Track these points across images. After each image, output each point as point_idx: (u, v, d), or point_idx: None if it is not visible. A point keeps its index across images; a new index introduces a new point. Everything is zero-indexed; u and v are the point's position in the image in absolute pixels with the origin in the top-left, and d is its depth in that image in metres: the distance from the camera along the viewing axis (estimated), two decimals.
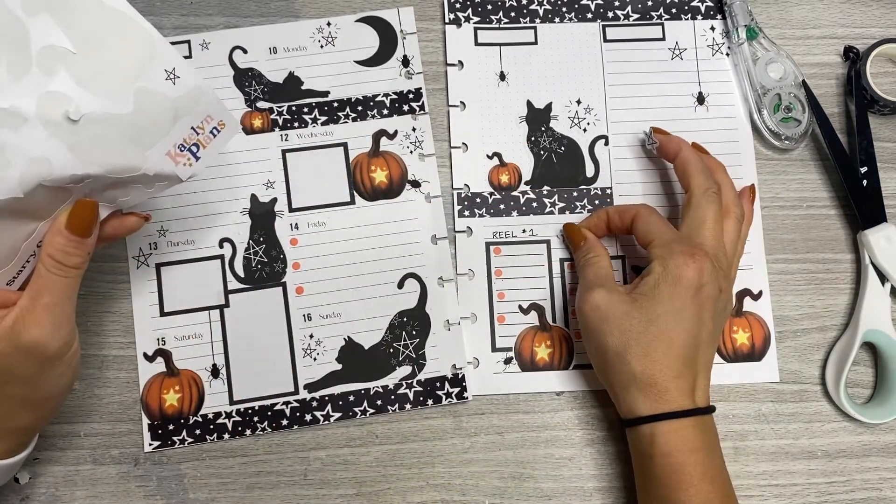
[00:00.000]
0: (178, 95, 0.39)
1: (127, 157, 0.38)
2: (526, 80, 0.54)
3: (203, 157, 0.41)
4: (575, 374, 0.51)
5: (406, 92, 0.53)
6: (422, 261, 0.51)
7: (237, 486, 0.48)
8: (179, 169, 0.40)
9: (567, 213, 0.52)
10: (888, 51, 0.54)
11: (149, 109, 0.38)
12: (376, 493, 0.49)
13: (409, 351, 0.50)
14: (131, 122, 0.38)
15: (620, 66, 0.55)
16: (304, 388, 0.50)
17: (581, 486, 0.49)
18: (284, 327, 0.50)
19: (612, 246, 0.52)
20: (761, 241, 0.53)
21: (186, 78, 0.39)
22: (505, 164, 0.53)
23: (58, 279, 0.38)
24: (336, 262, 0.51)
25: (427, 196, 0.52)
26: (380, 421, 0.50)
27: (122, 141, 0.38)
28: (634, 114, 0.54)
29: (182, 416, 0.49)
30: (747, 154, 0.54)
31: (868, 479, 0.50)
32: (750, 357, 0.51)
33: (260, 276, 0.51)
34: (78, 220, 0.38)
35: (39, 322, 0.37)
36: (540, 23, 0.55)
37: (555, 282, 0.52)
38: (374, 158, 0.53)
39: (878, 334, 0.50)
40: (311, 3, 0.54)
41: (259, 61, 0.53)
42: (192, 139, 0.40)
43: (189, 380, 0.49)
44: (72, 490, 0.48)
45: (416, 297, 0.51)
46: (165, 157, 0.40)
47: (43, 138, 0.35)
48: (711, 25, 0.55)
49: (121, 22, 0.37)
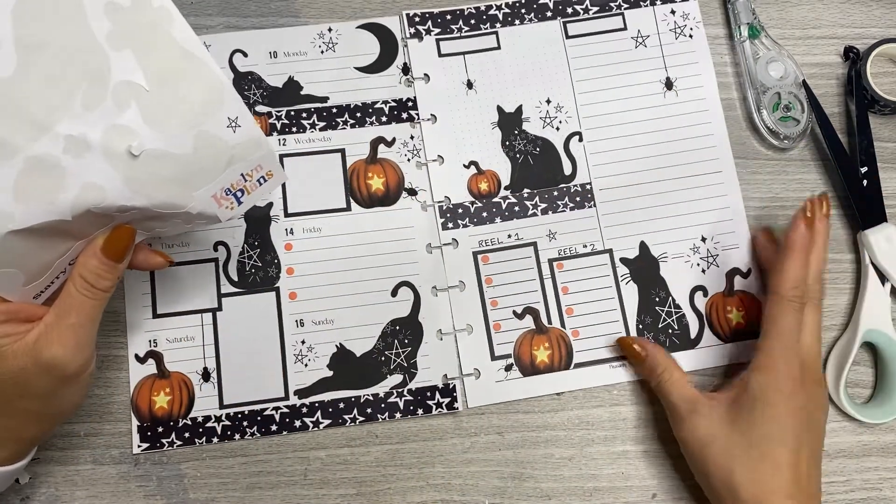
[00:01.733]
0: (236, 143, 0.40)
1: (175, 195, 0.38)
2: (493, 85, 0.54)
3: (245, 203, 0.42)
4: (576, 373, 0.51)
5: (405, 100, 0.53)
6: (416, 269, 0.51)
7: (237, 486, 0.48)
8: (221, 211, 0.41)
9: (550, 212, 0.53)
10: (888, 51, 0.54)
11: (206, 153, 0.39)
12: (376, 493, 0.49)
13: (400, 360, 0.50)
14: (187, 163, 0.38)
15: (585, 61, 0.55)
16: (295, 394, 0.49)
17: (581, 486, 0.49)
18: (277, 332, 0.50)
19: (594, 238, 0.52)
20: (744, 218, 0.53)
21: (247, 128, 0.40)
22: (483, 171, 0.53)
23: (86, 300, 0.38)
24: (330, 269, 0.51)
25: (423, 204, 0.52)
26: (378, 421, 0.50)
27: (174, 179, 0.38)
28: (605, 107, 0.54)
29: (171, 418, 0.49)
30: (720, 135, 0.54)
31: (868, 479, 0.50)
32: (746, 335, 0.52)
33: (254, 280, 0.51)
34: (114, 246, 0.39)
35: (63, 341, 0.38)
36: (501, 27, 0.55)
37: (546, 283, 0.52)
38: (372, 165, 0.53)
39: (878, 334, 0.50)
40: (311, 4, 0.54)
41: (259, 65, 0.53)
42: (239, 184, 0.41)
43: (180, 382, 0.49)
44: (72, 490, 0.48)
45: (409, 306, 0.51)
46: (211, 199, 0.40)
47: (102, 168, 0.36)
48: (671, 9, 0.56)
49: (195, 67, 0.38)
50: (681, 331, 0.52)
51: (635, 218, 0.53)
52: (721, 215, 0.53)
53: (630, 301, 0.52)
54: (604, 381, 0.51)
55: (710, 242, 0.53)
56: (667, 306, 0.52)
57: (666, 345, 0.51)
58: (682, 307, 0.52)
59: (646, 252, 0.52)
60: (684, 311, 0.52)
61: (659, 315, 0.52)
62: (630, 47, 0.55)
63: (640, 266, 0.52)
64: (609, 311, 0.52)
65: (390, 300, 0.51)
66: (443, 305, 0.51)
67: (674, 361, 0.48)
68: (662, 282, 0.52)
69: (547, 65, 0.55)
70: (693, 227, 0.53)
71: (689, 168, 0.53)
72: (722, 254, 0.53)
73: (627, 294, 0.52)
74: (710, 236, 0.53)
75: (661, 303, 0.52)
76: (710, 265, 0.52)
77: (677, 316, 0.52)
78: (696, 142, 0.53)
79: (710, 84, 0.55)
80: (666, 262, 0.52)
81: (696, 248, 0.53)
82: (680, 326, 0.52)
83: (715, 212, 0.53)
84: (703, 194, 0.53)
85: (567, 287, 0.52)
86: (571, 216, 0.53)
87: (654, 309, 0.52)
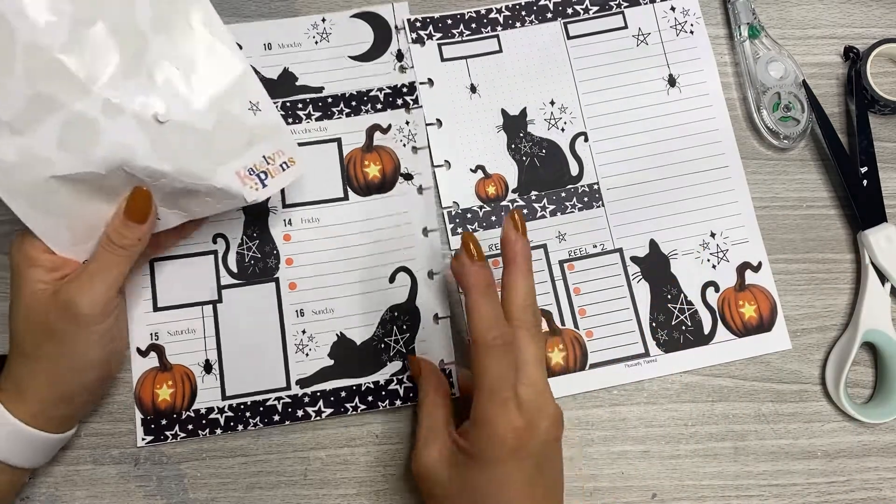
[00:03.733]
0: (256, 125, 0.45)
1: (199, 165, 0.43)
2: (497, 88, 0.54)
3: (270, 186, 0.45)
4: (591, 373, 0.51)
5: (400, 86, 0.54)
6: (412, 254, 0.51)
7: (237, 486, 0.48)
8: (246, 190, 0.45)
9: (558, 214, 0.53)
10: (888, 51, 0.54)
11: (227, 130, 0.44)
12: (376, 493, 0.49)
13: (399, 346, 0.50)
14: (210, 138, 0.44)
15: (588, 61, 0.55)
16: (297, 384, 0.50)
17: (581, 486, 0.49)
18: (277, 323, 0.50)
19: (604, 238, 0.52)
20: (752, 212, 0.53)
21: (267, 112, 0.45)
22: (490, 175, 0.53)
23: (107, 254, 0.43)
24: (329, 258, 0.51)
25: (419, 188, 0.52)
26: (379, 420, 0.50)
27: (197, 151, 0.43)
28: (609, 106, 0.54)
29: (175, 410, 0.49)
30: (725, 129, 0.54)
31: (868, 479, 0.50)
32: (759, 329, 0.52)
33: (253, 271, 0.51)
34: (133, 206, 0.43)
35: (80, 285, 0.42)
36: (502, 30, 0.55)
37: (557, 284, 0.52)
38: (368, 153, 0.53)
39: (878, 334, 0.50)
40: (310, 4, 0.54)
41: (254, 58, 0.53)
42: (262, 167, 0.45)
43: (182, 375, 0.49)
44: (72, 490, 0.48)
45: (406, 291, 0.51)
46: (234, 175, 0.44)
47: (132, 129, 0.42)
48: (671, 6, 0.56)
49: (223, 55, 0.44)
50: (694, 327, 0.51)
51: (644, 216, 0.53)
52: (729, 210, 0.53)
53: (642, 299, 0.52)
54: (620, 380, 0.50)
55: (720, 238, 0.53)
56: (679, 303, 0.52)
57: (680, 342, 0.51)
58: (695, 303, 0.52)
59: (656, 250, 0.52)
60: (697, 308, 0.52)
61: (672, 312, 0.52)
62: (632, 45, 0.55)
63: (651, 264, 0.52)
64: (622, 310, 0.51)
65: (389, 286, 0.51)
66: (439, 289, 0.51)
67: (444, 390, 0.46)
68: (673, 279, 0.52)
69: (549, 66, 0.55)
70: (702, 222, 0.53)
71: (696, 164, 0.53)
72: (732, 248, 0.53)
73: (639, 292, 0.52)
74: (719, 231, 0.53)
75: (674, 300, 0.52)
76: (720, 260, 0.52)
77: (690, 312, 0.52)
78: (702, 137, 0.54)
79: (713, 79, 0.55)
80: (676, 259, 0.52)
81: (705, 244, 0.53)
82: (693, 323, 0.52)
83: (723, 207, 0.53)
84: (710, 189, 0.53)
85: (579, 288, 0.52)
86: (580, 217, 0.53)
87: (667, 306, 0.52)
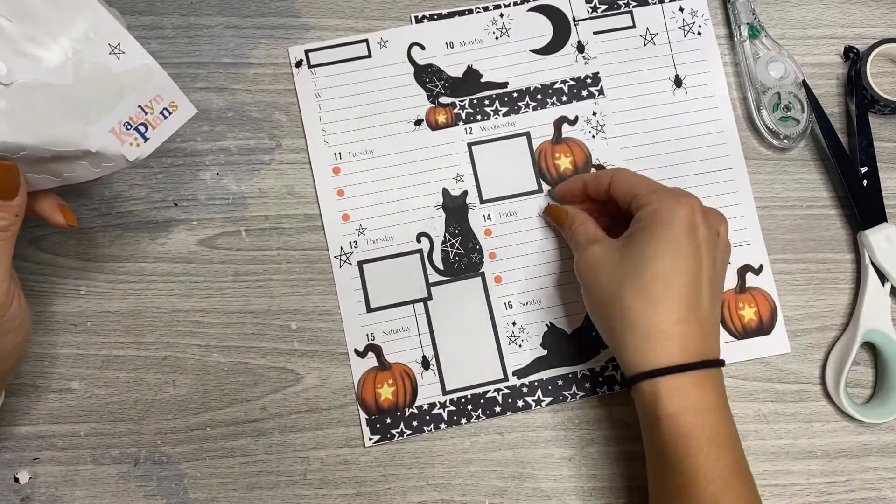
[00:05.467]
0: (123, 71, 0.38)
1: (66, 129, 0.37)
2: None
3: (152, 139, 0.40)
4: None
5: (584, 77, 0.54)
6: None
7: (237, 486, 0.48)
8: (125, 149, 0.39)
9: None
10: (888, 51, 0.54)
11: (90, 82, 0.37)
12: (376, 492, 0.49)
13: None
14: (71, 94, 0.37)
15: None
16: (513, 375, 0.50)
17: (581, 486, 0.49)
18: (487, 316, 0.51)
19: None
20: (755, 214, 0.53)
21: (132, 54, 0.38)
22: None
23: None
24: (530, 251, 0.52)
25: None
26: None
27: (60, 113, 0.37)
28: (615, 105, 0.54)
29: (398, 409, 0.50)
30: (730, 131, 0.54)
31: (868, 479, 0.50)
32: (759, 331, 0.52)
33: (458, 267, 0.52)
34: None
35: None
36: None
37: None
38: (558, 145, 0.53)
39: (878, 334, 0.50)
40: (310, 4, 0.54)
41: (437, 56, 0.54)
42: (140, 118, 0.39)
43: (401, 373, 0.50)
44: (72, 490, 0.48)
45: None
46: (109, 134, 0.39)
47: None
48: (680, 6, 0.56)
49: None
50: None
51: None
52: (732, 212, 0.52)
53: None
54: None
55: None
56: None
57: None
58: None
59: None
60: None
61: None
62: (639, 45, 0.55)
63: None
64: None
65: None
66: None
67: (591, 218, 0.48)
68: None
69: None
70: None
71: (700, 165, 0.53)
72: (734, 250, 0.52)
73: None
74: None
75: None
76: None
77: None
78: (706, 139, 0.53)
79: (720, 81, 0.55)
80: None
81: None
82: None
83: (726, 209, 0.53)
84: (713, 191, 0.53)
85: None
86: None
87: None
